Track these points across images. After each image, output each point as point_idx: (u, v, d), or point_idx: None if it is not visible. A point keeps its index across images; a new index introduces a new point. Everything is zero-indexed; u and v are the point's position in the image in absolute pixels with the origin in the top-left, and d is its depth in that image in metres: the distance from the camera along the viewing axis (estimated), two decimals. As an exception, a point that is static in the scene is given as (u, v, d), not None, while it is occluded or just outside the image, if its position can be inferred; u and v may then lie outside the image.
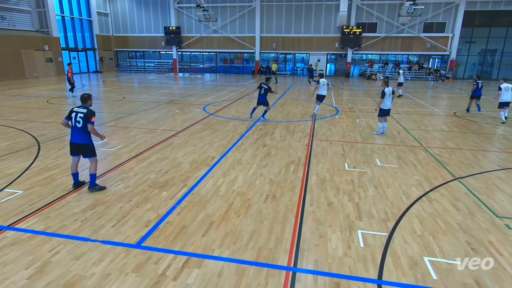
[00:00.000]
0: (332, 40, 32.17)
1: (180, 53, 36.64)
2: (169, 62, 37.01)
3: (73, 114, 5.30)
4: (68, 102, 15.30)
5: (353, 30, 30.52)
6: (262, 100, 11.26)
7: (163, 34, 34.78)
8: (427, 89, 22.85)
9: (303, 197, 5.56)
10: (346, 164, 7.22)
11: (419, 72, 31.88)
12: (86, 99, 5.44)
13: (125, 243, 4.12)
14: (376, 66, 33.01)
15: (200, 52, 36.51)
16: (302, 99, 17.25)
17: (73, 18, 31.78)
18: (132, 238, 4.25)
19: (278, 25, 32.81)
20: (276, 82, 26.18)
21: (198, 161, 7.27)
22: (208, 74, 35.75)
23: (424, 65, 32.44)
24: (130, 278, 3.50)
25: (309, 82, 25.44)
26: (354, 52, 32.25)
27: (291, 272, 3.68)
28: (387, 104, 9.44)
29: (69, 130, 5.56)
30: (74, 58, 32.49)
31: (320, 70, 33.47)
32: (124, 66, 37.97)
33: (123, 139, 8.96)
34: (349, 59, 32.57)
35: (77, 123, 5.28)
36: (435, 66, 32.62)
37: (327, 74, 34.09)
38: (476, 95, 13.61)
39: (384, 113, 9.58)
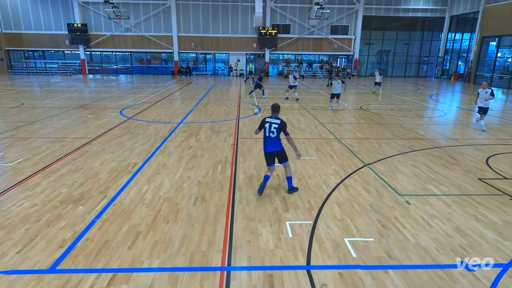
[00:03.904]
0: (250, 41, 33.03)
1: (89, 53, 33.46)
2: (76, 63, 33.45)
3: (267, 125, 5.48)
4: None
5: (269, 31, 31.80)
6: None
7: (66, 32, 31.27)
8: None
9: (232, 196, 5.61)
10: (271, 160, 7.50)
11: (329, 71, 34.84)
12: (278, 109, 5.67)
13: (35, 270, 3.61)
14: (292, 65, 35.01)
15: (112, 52, 33.86)
16: (225, 99, 17.35)
17: None
18: (44, 262, 3.75)
19: (196, 24, 32.34)
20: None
21: (118, 169, 6.76)
22: (123, 75, 33.38)
23: (333, 64, 35.56)
24: (45, 308, 3.09)
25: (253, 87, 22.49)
26: (271, 52, 33.63)
27: (225, 272, 3.68)
28: (484, 102, 11.01)
29: None
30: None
31: (240, 70, 34.14)
32: (20, 68, 33.07)
33: (24, 151, 7.82)
34: (267, 59, 33.85)
35: (271, 134, 5.44)
36: (342, 65, 36.06)
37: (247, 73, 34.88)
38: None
39: (482, 111, 10.97)
